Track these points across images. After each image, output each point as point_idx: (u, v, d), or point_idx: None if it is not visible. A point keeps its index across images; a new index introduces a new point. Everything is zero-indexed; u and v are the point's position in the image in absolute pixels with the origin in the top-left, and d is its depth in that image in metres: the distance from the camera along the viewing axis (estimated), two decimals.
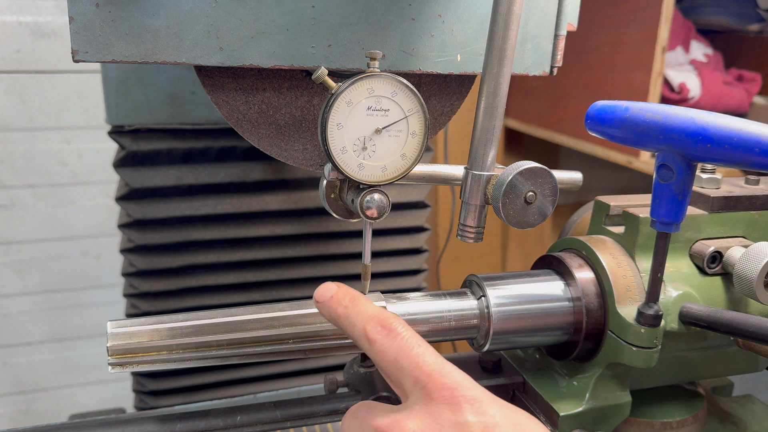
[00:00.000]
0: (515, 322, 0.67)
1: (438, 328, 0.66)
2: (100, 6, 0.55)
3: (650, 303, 0.62)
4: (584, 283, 0.68)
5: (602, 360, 0.68)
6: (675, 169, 0.55)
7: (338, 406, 0.67)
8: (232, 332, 0.60)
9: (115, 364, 0.57)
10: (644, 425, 0.74)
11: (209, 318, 0.60)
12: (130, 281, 1.07)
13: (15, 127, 1.77)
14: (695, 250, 0.70)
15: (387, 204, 0.60)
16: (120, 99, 0.97)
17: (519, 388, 0.72)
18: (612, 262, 0.68)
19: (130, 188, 0.99)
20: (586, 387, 0.68)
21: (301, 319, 0.62)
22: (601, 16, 1.67)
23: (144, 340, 0.58)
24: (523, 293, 0.68)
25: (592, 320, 0.68)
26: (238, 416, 0.63)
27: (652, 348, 0.63)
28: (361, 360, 0.71)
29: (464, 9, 0.65)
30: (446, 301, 0.67)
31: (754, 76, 1.72)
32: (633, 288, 0.67)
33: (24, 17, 1.70)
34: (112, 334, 0.57)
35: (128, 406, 1.88)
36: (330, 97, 0.57)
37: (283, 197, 1.06)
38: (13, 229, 1.85)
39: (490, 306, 0.66)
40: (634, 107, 0.56)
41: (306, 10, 0.61)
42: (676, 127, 0.53)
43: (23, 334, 1.93)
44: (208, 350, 0.59)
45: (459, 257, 2.11)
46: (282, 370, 1.15)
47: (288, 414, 0.64)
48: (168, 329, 0.59)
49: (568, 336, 0.69)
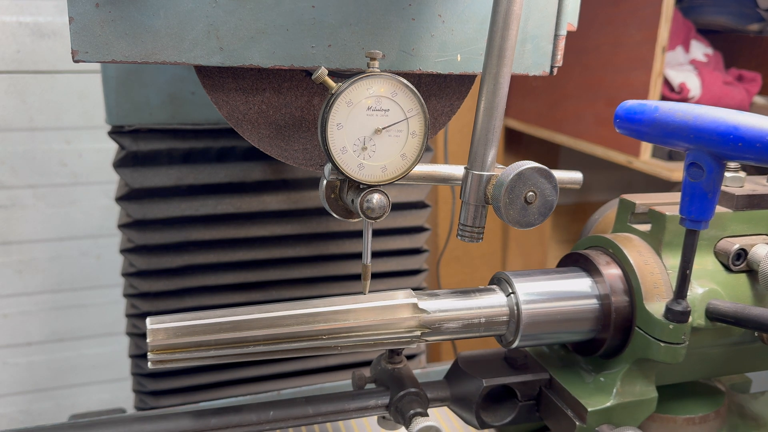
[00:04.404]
0: (544, 319, 0.68)
1: (468, 325, 0.67)
2: (100, 6, 0.55)
3: (678, 299, 0.63)
4: (612, 280, 0.69)
5: (629, 356, 0.69)
6: (705, 167, 0.56)
7: (367, 403, 0.68)
8: (269, 328, 0.61)
9: (155, 360, 0.58)
10: (667, 421, 0.75)
11: (247, 314, 0.61)
12: (130, 281, 1.06)
13: (15, 127, 1.77)
14: (720, 248, 0.71)
15: (387, 204, 0.60)
16: (120, 99, 0.97)
17: (545, 384, 0.73)
18: (639, 260, 0.69)
19: (130, 188, 0.99)
20: (613, 383, 0.69)
21: (336, 315, 0.63)
22: (601, 16, 1.67)
23: (183, 336, 0.59)
24: (552, 290, 0.69)
25: (620, 317, 0.69)
26: (271, 411, 0.65)
27: (680, 344, 0.64)
28: (388, 357, 0.72)
29: (464, 9, 0.65)
30: (476, 297, 0.68)
31: (754, 76, 1.72)
32: (660, 285, 0.68)
33: (24, 17, 1.70)
34: (152, 331, 0.58)
35: (128, 406, 1.88)
36: (330, 97, 0.57)
37: (283, 197, 1.06)
38: (13, 229, 1.85)
39: (519, 303, 0.67)
40: (664, 107, 0.58)
41: (306, 10, 0.61)
42: (706, 126, 0.54)
43: (23, 334, 1.93)
44: (246, 346, 0.60)
45: (459, 257, 2.11)
46: (282, 370, 1.15)
47: (319, 410, 0.66)
48: (206, 325, 0.59)
49: (596, 333, 0.70)
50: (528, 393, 0.72)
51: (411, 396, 0.68)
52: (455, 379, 0.74)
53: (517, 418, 0.73)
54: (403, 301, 0.65)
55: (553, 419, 0.71)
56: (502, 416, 0.72)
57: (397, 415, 0.69)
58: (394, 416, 0.69)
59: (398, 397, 0.68)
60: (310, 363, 1.17)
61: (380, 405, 0.69)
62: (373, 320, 0.63)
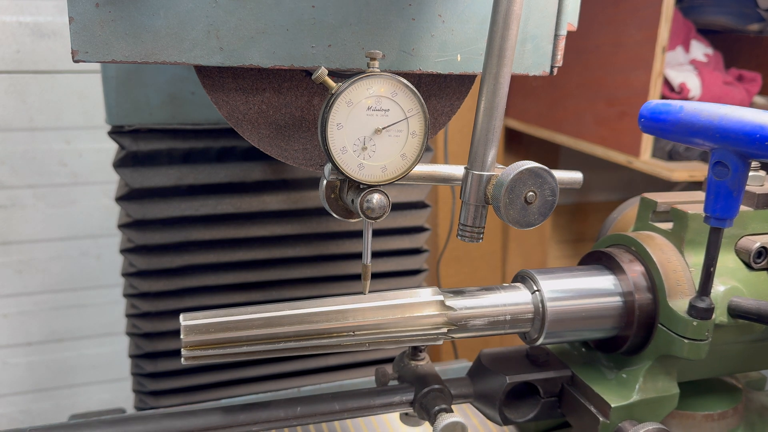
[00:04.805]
0: (569, 317, 0.69)
1: (494, 322, 0.67)
2: (100, 6, 0.55)
3: (702, 296, 0.64)
4: (635, 278, 0.70)
5: (652, 353, 0.70)
6: (730, 166, 0.57)
7: (392, 399, 0.69)
8: (299, 324, 0.62)
9: (189, 357, 0.59)
10: (686, 417, 0.76)
11: (277, 311, 0.62)
12: (130, 281, 1.06)
13: (15, 127, 1.77)
14: (741, 246, 0.72)
15: (387, 204, 0.60)
16: (120, 99, 0.97)
17: (567, 381, 0.74)
18: (662, 257, 0.70)
19: (130, 188, 0.99)
20: (636, 379, 0.70)
21: (365, 312, 0.64)
22: (601, 16, 1.67)
23: (216, 333, 0.59)
24: (576, 288, 0.70)
25: (644, 314, 0.69)
26: (298, 407, 0.66)
27: (703, 340, 0.65)
28: (411, 354, 0.73)
29: (464, 9, 0.65)
30: (501, 294, 0.68)
31: (754, 76, 1.72)
32: (683, 282, 0.69)
33: (24, 17, 1.70)
34: (185, 327, 0.59)
35: (128, 406, 1.88)
36: (330, 97, 0.57)
37: (283, 197, 1.06)
38: (13, 229, 1.85)
39: (544, 300, 0.68)
40: (689, 107, 0.59)
41: (306, 10, 0.61)
42: (732, 126, 0.55)
43: (23, 334, 1.93)
44: (277, 342, 0.61)
45: (459, 257, 2.11)
46: (282, 371, 1.16)
47: (345, 406, 0.67)
48: (238, 321, 0.60)
49: (619, 330, 0.71)
50: (550, 390, 0.73)
51: (435, 392, 0.69)
52: (478, 376, 0.75)
53: (539, 414, 0.74)
54: (430, 298, 0.66)
55: (576, 415, 0.72)
56: (525, 413, 0.74)
57: (421, 411, 0.70)
58: (419, 412, 0.70)
59: (423, 394, 0.69)
60: (309, 363, 1.17)
61: (405, 401, 0.70)
62: (401, 317, 0.65)
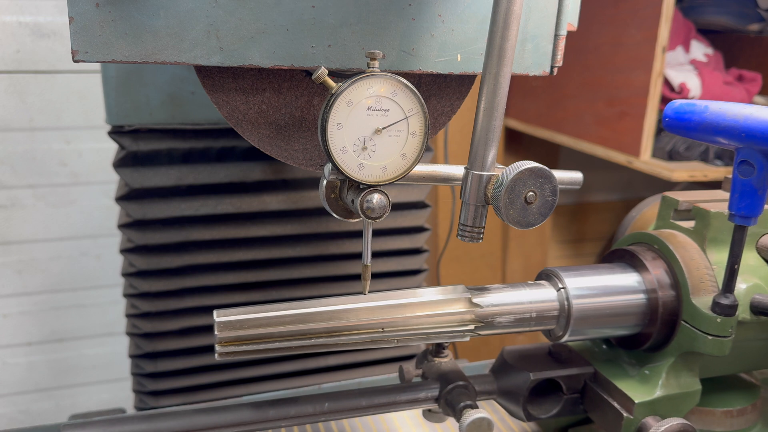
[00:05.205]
0: (594, 314, 0.70)
1: (520, 319, 0.68)
2: (100, 6, 0.55)
3: (726, 294, 0.65)
4: (659, 276, 0.71)
5: (674, 349, 0.71)
6: (756, 164, 0.59)
7: (418, 395, 0.70)
8: (330, 321, 0.63)
9: (222, 353, 0.60)
10: (706, 413, 0.77)
11: (309, 307, 0.63)
12: (130, 281, 1.06)
13: (15, 127, 1.77)
14: (762, 244, 0.73)
15: (387, 204, 0.60)
16: (120, 99, 0.97)
17: (590, 378, 0.75)
18: (685, 255, 0.71)
19: (130, 188, 0.99)
20: (659, 375, 0.71)
21: (395, 309, 0.65)
22: (601, 16, 1.67)
23: (249, 329, 0.61)
24: (601, 285, 0.71)
25: (667, 311, 0.71)
26: (326, 403, 0.67)
27: (727, 336, 0.66)
28: (435, 352, 0.74)
29: (464, 9, 0.65)
30: (526, 292, 0.69)
31: (755, 76, 1.72)
32: (706, 280, 0.70)
33: (24, 17, 1.70)
34: (219, 323, 0.60)
35: (128, 406, 1.88)
36: (330, 97, 0.57)
37: (283, 197, 1.06)
38: (13, 229, 1.84)
39: (570, 297, 0.69)
40: (713, 107, 0.60)
41: (306, 10, 0.61)
42: (757, 126, 0.57)
43: (23, 334, 1.93)
44: (308, 338, 0.62)
45: (459, 257, 2.11)
46: (282, 371, 1.15)
47: (372, 402, 0.68)
48: (271, 318, 0.62)
49: (642, 327, 0.72)
50: (573, 386, 0.75)
51: (460, 389, 0.70)
52: (502, 373, 0.76)
53: (562, 410, 0.75)
54: (458, 295, 0.67)
55: (598, 412, 0.74)
56: (547, 409, 0.75)
57: (446, 407, 0.71)
58: (444, 408, 0.71)
59: (448, 390, 0.70)
60: (309, 363, 1.17)
61: (430, 397, 0.71)
62: (429, 314, 0.66)
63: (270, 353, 0.62)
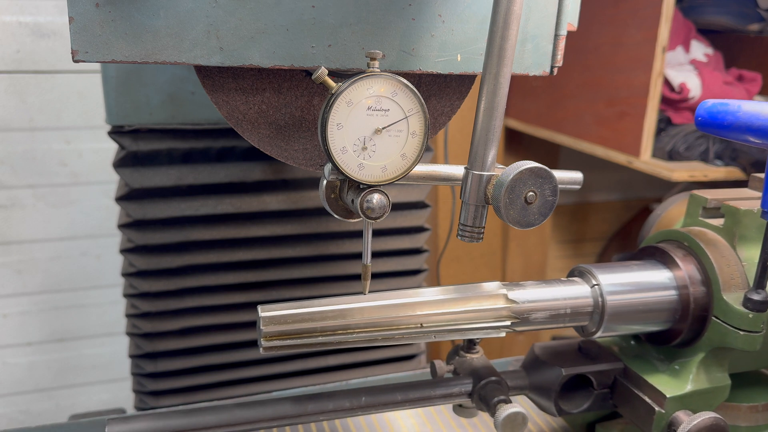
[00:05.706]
0: (627, 310, 0.71)
1: (555, 315, 0.69)
2: (100, 6, 0.55)
3: (758, 289, 0.66)
4: (690, 272, 0.72)
5: (705, 345, 0.72)
6: None
7: (451, 390, 0.72)
8: (371, 316, 0.64)
9: (267, 347, 0.61)
10: (732, 409, 0.78)
11: (350, 303, 0.64)
12: (130, 281, 1.06)
13: (15, 127, 1.77)
14: None
15: (387, 204, 0.60)
16: (120, 99, 0.97)
17: (620, 373, 0.76)
18: (715, 252, 0.72)
19: (130, 188, 0.99)
20: (689, 370, 0.72)
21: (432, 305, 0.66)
22: (601, 16, 1.67)
23: (293, 323, 0.62)
24: (633, 281, 0.72)
25: (698, 307, 0.71)
26: (363, 397, 0.68)
27: (758, 332, 0.67)
28: (466, 348, 0.75)
29: (464, 9, 0.65)
30: (561, 288, 0.70)
31: (755, 76, 1.72)
32: (736, 276, 0.71)
33: (24, 17, 1.70)
34: (264, 318, 0.61)
35: (128, 406, 1.88)
36: (330, 97, 0.57)
37: (283, 197, 1.06)
38: (13, 229, 1.84)
39: (603, 293, 0.69)
40: (746, 107, 0.61)
41: (306, 10, 0.61)
42: None
43: (23, 334, 1.93)
44: (350, 333, 0.63)
45: (459, 257, 2.11)
46: (282, 370, 1.16)
47: (407, 396, 0.70)
48: (314, 313, 0.63)
49: (673, 323, 0.73)
50: (603, 382, 0.75)
51: (493, 384, 0.71)
52: (533, 369, 0.77)
53: (592, 405, 0.76)
54: (495, 291, 0.68)
55: (629, 406, 0.74)
56: (578, 404, 0.76)
57: (480, 402, 0.71)
58: (477, 404, 0.72)
59: (481, 385, 0.71)
60: (309, 363, 1.17)
61: (463, 392, 0.72)
62: (467, 310, 0.67)
63: (313, 347, 0.63)
